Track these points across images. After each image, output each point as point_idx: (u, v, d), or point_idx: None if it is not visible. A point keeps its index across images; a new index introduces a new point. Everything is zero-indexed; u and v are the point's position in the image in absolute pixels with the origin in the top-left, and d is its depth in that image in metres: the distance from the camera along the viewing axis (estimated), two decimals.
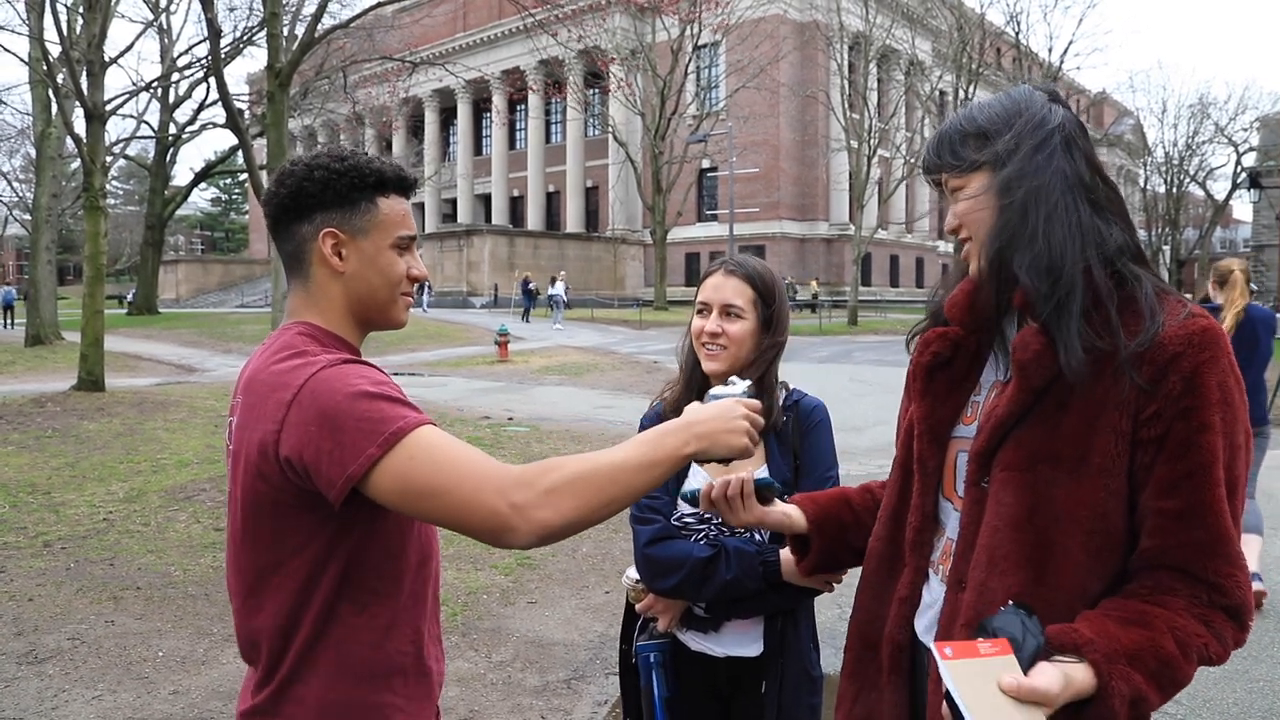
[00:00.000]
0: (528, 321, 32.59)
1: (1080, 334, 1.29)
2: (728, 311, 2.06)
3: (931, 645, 1.38)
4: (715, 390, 1.54)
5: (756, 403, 1.48)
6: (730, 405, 1.44)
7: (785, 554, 1.97)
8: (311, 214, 1.45)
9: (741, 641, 2.07)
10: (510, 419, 11.77)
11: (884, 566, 1.56)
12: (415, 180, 1.54)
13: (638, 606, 2.15)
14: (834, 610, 4.57)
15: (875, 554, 1.59)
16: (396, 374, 17.43)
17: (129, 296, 40.98)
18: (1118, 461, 1.28)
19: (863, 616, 1.59)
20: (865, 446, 9.50)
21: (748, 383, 1.55)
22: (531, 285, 34.80)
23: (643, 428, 2.15)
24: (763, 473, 2.01)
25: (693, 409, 1.45)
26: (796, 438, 2.08)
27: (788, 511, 1.73)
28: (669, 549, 2.02)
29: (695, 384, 2.12)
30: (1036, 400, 1.34)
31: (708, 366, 2.07)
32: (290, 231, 1.48)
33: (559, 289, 32.60)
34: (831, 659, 2.15)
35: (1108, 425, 1.29)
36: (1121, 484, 1.29)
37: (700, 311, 2.10)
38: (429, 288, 39.49)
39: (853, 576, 1.75)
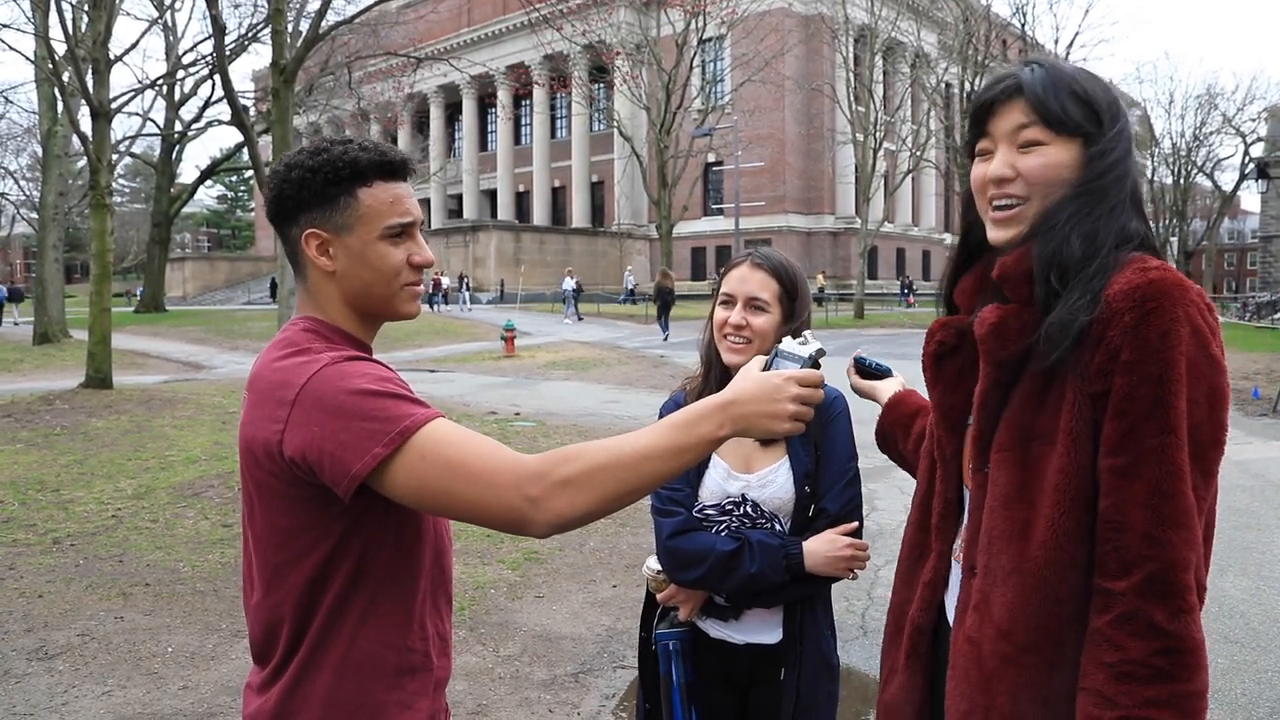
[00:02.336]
0: (581, 319, 30.43)
1: (1064, 318, 1.27)
2: (752, 304, 2.06)
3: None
4: (784, 346, 1.41)
5: (818, 374, 1.36)
6: (779, 385, 1.31)
7: (807, 545, 1.99)
8: (295, 216, 1.41)
9: (761, 629, 2.09)
10: (517, 414, 11.78)
11: (914, 552, 1.60)
12: (402, 161, 1.45)
13: (659, 596, 2.16)
14: (841, 603, 4.56)
15: (907, 539, 1.63)
16: (403, 370, 17.45)
17: (137, 293, 41.06)
18: (1085, 422, 1.27)
19: (895, 600, 1.63)
20: (871, 440, 9.48)
21: (818, 345, 1.41)
22: (576, 281, 32.73)
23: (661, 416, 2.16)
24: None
25: (740, 381, 1.34)
26: (817, 429, 2.09)
27: (879, 388, 2.11)
28: (692, 541, 2.03)
29: (716, 376, 2.12)
30: (1011, 376, 1.34)
31: (730, 359, 2.07)
32: (284, 234, 1.45)
33: (568, 284, 32.25)
34: (838, 651, 2.17)
35: (1073, 388, 1.28)
36: (1092, 445, 1.27)
37: (724, 303, 2.10)
38: (467, 284, 38.30)
39: (872, 567, 1.77)
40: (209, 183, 56.41)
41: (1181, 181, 58.43)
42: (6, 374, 17.55)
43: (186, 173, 78.71)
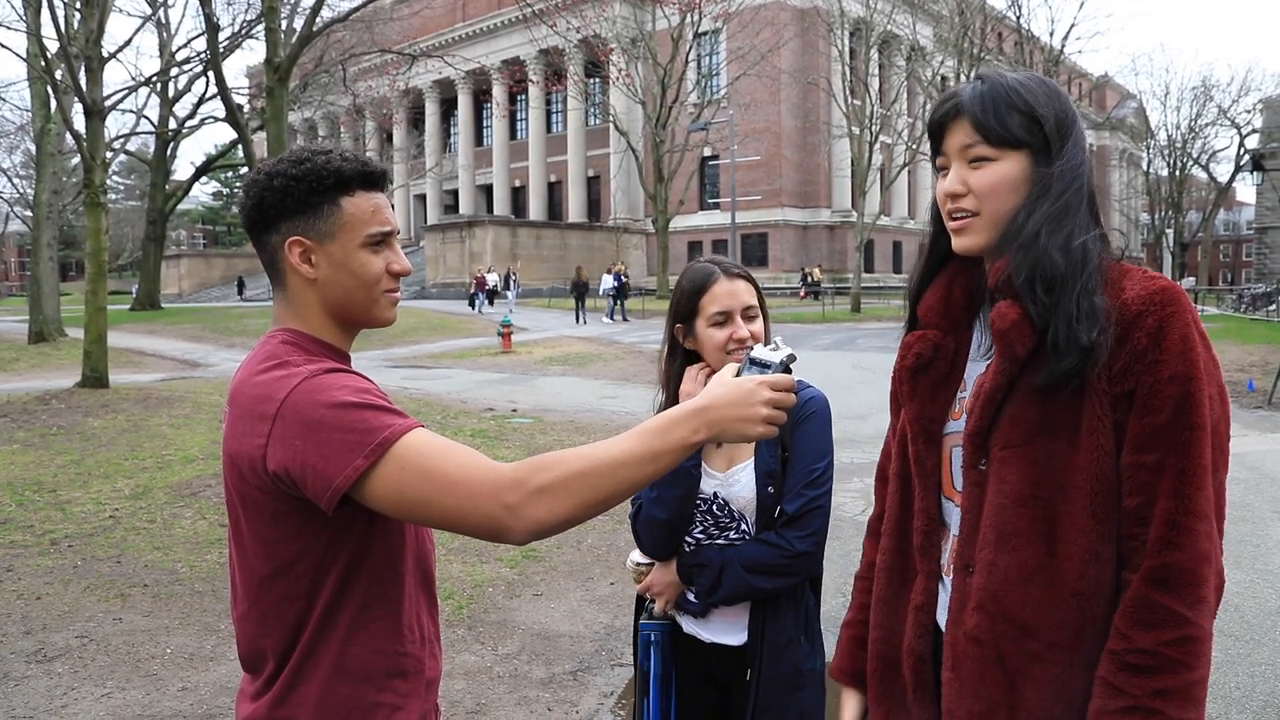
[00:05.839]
0: (626, 319, 27.55)
1: (1070, 329, 1.29)
2: (747, 314, 2.08)
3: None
4: (756, 353, 1.43)
5: (790, 379, 1.39)
6: (752, 390, 1.35)
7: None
8: (277, 223, 1.43)
9: (727, 630, 2.11)
10: (514, 410, 11.79)
11: (895, 579, 1.55)
12: (382, 172, 1.49)
13: (637, 587, 2.22)
14: (839, 599, 4.57)
15: (885, 568, 1.57)
16: (399, 366, 17.45)
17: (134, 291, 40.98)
18: (1104, 420, 1.30)
19: (879, 635, 1.56)
20: (869, 434, 9.50)
21: (789, 351, 1.44)
22: (626, 278, 29.72)
23: None
24: None
25: (713, 387, 1.37)
26: (787, 430, 2.05)
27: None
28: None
29: None
30: (1022, 370, 1.34)
31: None
32: (262, 241, 1.46)
33: (609, 281, 30.65)
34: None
35: (1090, 388, 1.30)
36: (1110, 442, 1.30)
37: (718, 324, 2.06)
38: (515, 281, 35.25)
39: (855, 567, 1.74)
40: (204, 179, 56.04)
41: (1177, 173, 58.46)
42: (2, 374, 17.53)
43: (181, 169, 78.16)
